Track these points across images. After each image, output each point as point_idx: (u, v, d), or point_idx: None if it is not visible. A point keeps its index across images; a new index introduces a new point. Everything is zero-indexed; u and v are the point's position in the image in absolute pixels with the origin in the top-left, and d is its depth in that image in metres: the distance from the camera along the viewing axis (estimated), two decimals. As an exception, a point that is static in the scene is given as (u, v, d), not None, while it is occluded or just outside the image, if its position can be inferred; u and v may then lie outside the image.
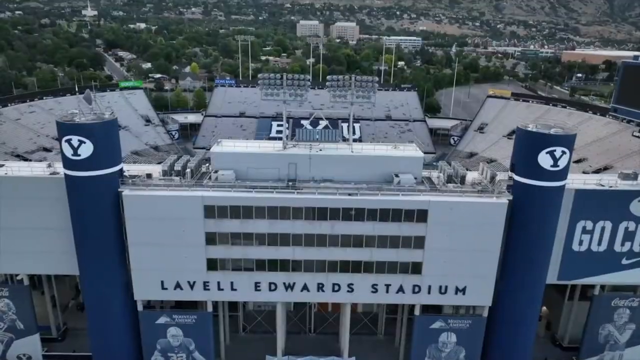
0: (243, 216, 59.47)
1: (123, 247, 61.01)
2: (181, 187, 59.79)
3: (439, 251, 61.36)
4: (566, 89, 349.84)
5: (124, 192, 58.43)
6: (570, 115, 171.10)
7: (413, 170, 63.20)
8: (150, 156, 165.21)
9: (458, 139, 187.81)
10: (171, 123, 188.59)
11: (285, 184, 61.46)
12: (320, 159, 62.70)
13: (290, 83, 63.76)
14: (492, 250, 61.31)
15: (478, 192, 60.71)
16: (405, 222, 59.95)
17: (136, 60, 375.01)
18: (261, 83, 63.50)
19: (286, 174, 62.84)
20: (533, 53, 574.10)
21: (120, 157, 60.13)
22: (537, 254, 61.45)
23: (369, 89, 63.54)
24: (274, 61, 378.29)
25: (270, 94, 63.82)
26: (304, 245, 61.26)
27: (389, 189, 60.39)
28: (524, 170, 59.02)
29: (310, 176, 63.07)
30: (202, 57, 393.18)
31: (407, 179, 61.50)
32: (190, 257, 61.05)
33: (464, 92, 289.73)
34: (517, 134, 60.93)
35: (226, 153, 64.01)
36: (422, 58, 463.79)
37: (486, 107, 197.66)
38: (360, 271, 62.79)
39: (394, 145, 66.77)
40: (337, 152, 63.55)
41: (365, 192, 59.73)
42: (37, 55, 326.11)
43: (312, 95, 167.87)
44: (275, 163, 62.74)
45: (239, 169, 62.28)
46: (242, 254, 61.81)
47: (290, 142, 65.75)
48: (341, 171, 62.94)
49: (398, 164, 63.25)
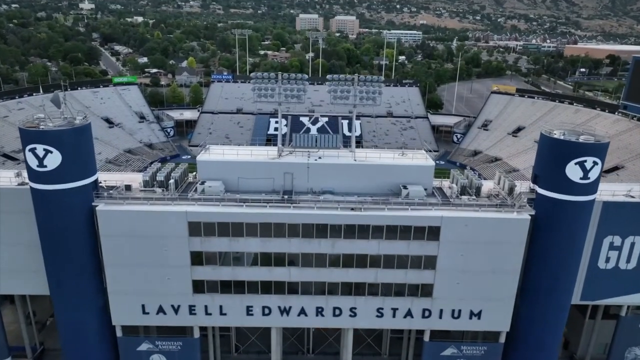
0: (232, 234, 52.86)
1: (99, 268, 54.51)
2: (163, 201, 53.12)
3: (452, 272, 54.80)
4: (570, 84, 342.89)
5: (98, 206, 51.78)
6: (578, 113, 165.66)
7: (423, 180, 56.64)
8: (144, 154, 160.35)
9: (461, 137, 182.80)
10: (166, 120, 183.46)
11: (280, 196, 54.93)
12: (320, 169, 56.22)
13: (286, 82, 57.10)
14: (511, 270, 54.76)
15: (496, 207, 54.05)
16: (415, 240, 53.37)
17: (132, 54, 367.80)
18: (254, 83, 56.85)
19: (281, 184, 56.40)
20: (535, 47, 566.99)
21: (94, 167, 53.36)
22: (562, 275, 54.94)
23: (374, 90, 56.85)
24: (273, 56, 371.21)
25: (264, 95, 57.13)
26: (301, 265, 54.72)
27: (396, 202, 53.81)
28: (550, 183, 52.38)
29: (308, 187, 56.70)
30: (200, 52, 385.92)
31: (417, 191, 54.91)
32: (174, 278, 54.46)
33: (466, 87, 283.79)
34: (541, 142, 54.13)
35: (214, 162, 57.26)
36: (423, 52, 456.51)
37: (490, 103, 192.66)
38: (364, 294, 56.23)
39: (402, 152, 60.24)
40: (338, 161, 57.03)
41: (370, 207, 53.22)
42: (30, 50, 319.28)
43: (311, 92, 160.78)
44: (269, 173, 56.25)
45: (229, 180, 55.82)
46: (232, 275, 55.17)
47: (287, 149, 59.25)
48: (343, 182, 56.49)
49: (406, 173, 56.64)
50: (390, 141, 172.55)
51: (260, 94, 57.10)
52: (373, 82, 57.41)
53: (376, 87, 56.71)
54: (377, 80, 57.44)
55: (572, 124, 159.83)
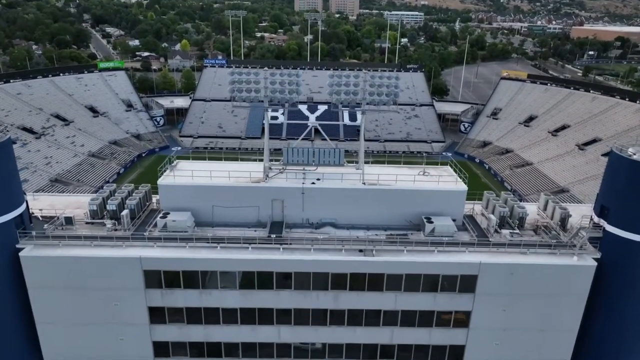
0: (203, 285, 40.18)
1: (32, 327, 41.79)
2: (111, 241, 40.15)
3: (490, 331, 42.32)
4: (578, 68, 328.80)
5: (23, 251, 38.95)
6: (595, 101, 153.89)
7: (452, 210, 43.71)
8: (131, 146, 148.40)
9: (469, 126, 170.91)
10: (156, 108, 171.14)
11: (266, 232, 42.07)
12: (318, 195, 43.27)
13: (273, 81, 43.88)
14: (567, 328, 42.22)
15: (550, 247, 41.12)
16: (444, 293, 40.75)
17: (123, 37, 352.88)
18: (231, 83, 43.70)
19: (269, 214, 43.58)
20: (540, 29, 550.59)
21: (20, 196, 40.22)
22: (635, 336, 42.30)
23: (390, 92, 43.66)
24: (270, 38, 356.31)
25: (245, 99, 43.96)
26: (294, 323, 42.14)
27: (419, 242, 40.88)
28: (625, 220, 39.35)
29: (303, 218, 43.89)
30: (194, 34, 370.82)
31: (445, 226, 42.03)
32: (129, 340, 41.92)
33: (471, 71, 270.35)
34: (613, 163, 40.58)
35: (180, 187, 43.65)
36: (426, 35, 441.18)
37: (499, 90, 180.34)
38: (375, 357, 43.67)
39: (422, 170, 47.16)
40: (341, 185, 43.88)
41: (384, 249, 40.45)
42: (16, 32, 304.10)
43: (309, 77, 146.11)
44: (253, 200, 43.30)
45: (200, 209, 42.90)
46: (205, 336, 42.55)
47: (276, 165, 46.17)
48: (348, 211, 43.69)
49: (431, 201, 43.61)
50: (394, 131, 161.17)
51: (240, 92, 43.71)
52: (388, 80, 44.03)
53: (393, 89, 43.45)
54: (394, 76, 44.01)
55: (589, 113, 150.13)
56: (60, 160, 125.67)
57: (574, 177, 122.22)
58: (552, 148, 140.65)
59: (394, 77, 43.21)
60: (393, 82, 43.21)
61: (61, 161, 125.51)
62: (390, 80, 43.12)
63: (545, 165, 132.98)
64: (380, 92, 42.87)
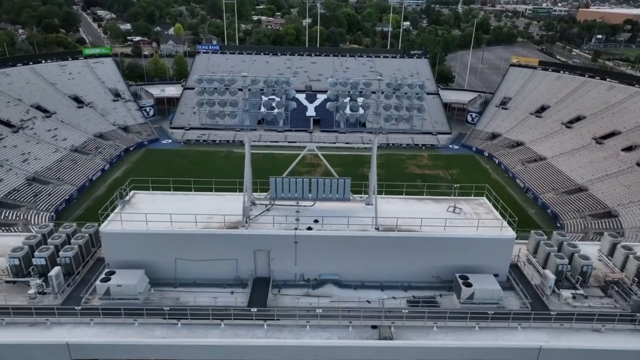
0: (158, 375, 29.46)
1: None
2: (30, 317, 29.17)
3: None
4: (587, 53, 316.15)
5: None
6: (612, 89, 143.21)
7: (496, 263, 32.75)
8: (118, 139, 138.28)
9: (477, 116, 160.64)
10: (145, 97, 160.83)
11: (247, 294, 31.20)
12: (316, 243, 32.36)
13: (255, 93, 32.74)
14: None
15: (635, 322, 30.16)
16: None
17: (114, 20, 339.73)
18: (199, 105, 32.45)
19: (250, 270, 32.76)
20: (545, 11, 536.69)
21: None
22: None
23: (412, 106, 32.57)
24: (267, 22, 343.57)
25: (216, 115, 32.75)
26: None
27: (453, 312, 30.24)
28: None
29: (296, 273, 33.10)
30: (188, 17, 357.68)
31: (488, 290, 31.11)
32: None
33: (476, 56, 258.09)
34: None
35: (130, 234, 32.65)
36: (429, 18, 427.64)
37: (509, 77, 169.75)
38: None
39: (452, 205, 36.01)
40: (347, 232, 32.74)
41: (405, 324, 29.58)
42: (2, 15, 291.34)
43: (308, 64, 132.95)
44: (229, 250, 32.40)
45: (159, 263, 32.20)
46: None
47: (260, 198, 35.06)
48: (356, 264, 32.97)
49: (467, 251, 32.78)
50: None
51: (211, 112, 32.56)
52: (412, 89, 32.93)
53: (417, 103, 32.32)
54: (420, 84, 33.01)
55: (605, 104, 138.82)
56: (39, 157, 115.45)
57: (592, 175, 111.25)
58: (567, 141, 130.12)
59: (417, 85, 32.13)
60: (416, 90, 32.16)
61: (40, 157, 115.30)
62: (412, 89, 32.06)
63: (559, 161, 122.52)
64: (399, 105, 31.81)
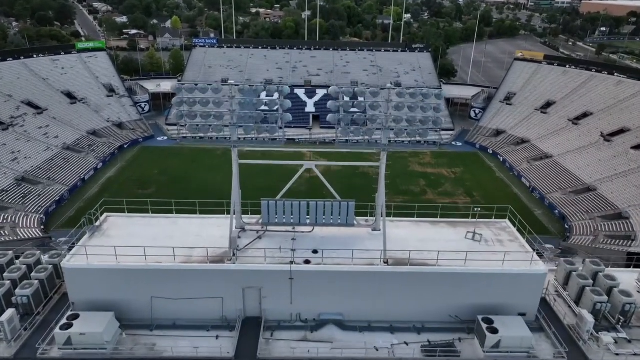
0: None
1: None
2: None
3: None
4: (591, 46, 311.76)
5: None
6: (620, 85, 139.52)
7: (523, 301, 28.81)
8: (112, 136, 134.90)
9: (480, 112, 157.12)
10: (140, 92, 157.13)
11: (234, 339, 27.43)
12: (314, 279, 28.41)
13: (246, 104, 28.93)
14: None
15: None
16: None
17: (111, 13, 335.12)
18: (178, 105, 28.68)
19: (238, 310, 28.91)
20: (547, 3, 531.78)
21: None
22: None
23: (427, 119, 28.65)
24: (265, 14, 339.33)
25: (200, 129, 29.00)
26: None
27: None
28: None
29: (292, 313, 29.27)
30: (186, 10, 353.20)
31: (517, 337, 27.12)
32: None
33: (479, 50, 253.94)
34: None
35: (97, 270, 28.30)
36: (430, 10, 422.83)
37: (513, 72, 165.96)
38: None
39: (472, 231, 32.00)
40: (351, 267, 28.70)
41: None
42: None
43: (307, 58, 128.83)
44: (214, 287, 28.45)
45: (132, 302, 28.11)
46: None
47: (250, 224, 31.17)
48: (362, 303, 28.99)
49: (491, 288, 28.66)
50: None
51: (192, 126, 28.79)
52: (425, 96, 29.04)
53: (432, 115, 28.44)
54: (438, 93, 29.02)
55: (613, 99, 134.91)
56: (30, 155, 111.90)
57: (600, 174, 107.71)
58: (574, 138, 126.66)
59: (433, 95, 28.29)
60: (433, 101, 28.27)
61: (30, 156, 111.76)
62: (429, 100, 28.17)
63: (566, 159, 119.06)
64: (412, 117, 28.03)
